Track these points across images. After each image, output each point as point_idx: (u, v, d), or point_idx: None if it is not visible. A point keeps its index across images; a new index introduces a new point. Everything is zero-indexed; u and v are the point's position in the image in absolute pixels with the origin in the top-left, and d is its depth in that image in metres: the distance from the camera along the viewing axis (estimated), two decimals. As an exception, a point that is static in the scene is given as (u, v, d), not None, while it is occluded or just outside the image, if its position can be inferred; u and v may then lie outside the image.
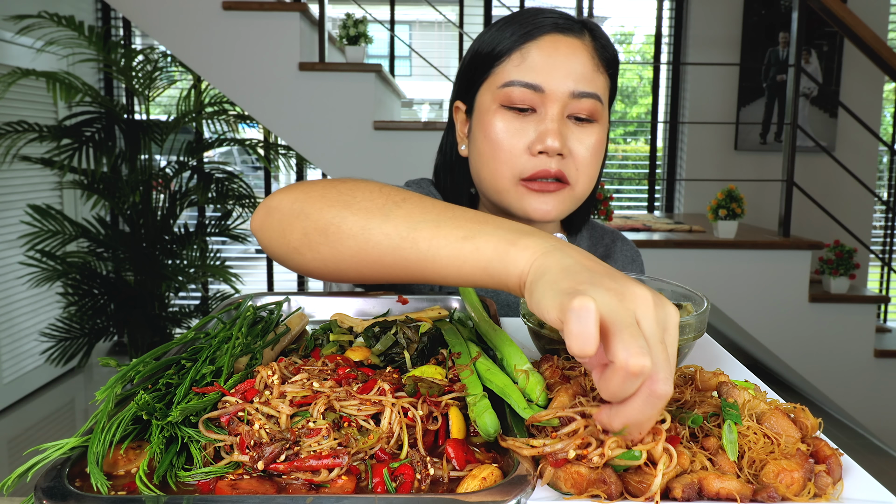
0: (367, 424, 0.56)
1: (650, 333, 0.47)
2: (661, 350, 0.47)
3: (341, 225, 0.67)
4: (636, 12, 5.85)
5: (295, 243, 0.71)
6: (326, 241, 0.68)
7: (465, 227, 0.60)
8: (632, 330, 0.46)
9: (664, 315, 0.49)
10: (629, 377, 0.45)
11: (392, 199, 0.66)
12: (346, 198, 0.68)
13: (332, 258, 0.69)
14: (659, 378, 0.46)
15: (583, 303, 0.45)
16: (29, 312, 4.11)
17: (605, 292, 0.47)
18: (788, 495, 0.50)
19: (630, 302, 0.47)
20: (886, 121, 5.43)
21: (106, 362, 0.69)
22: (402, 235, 0.63)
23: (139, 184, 3.74)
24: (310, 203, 0.70)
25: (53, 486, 0.47)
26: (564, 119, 0.98)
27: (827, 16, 3.15)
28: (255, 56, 3.17)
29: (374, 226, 0.65)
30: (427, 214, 0.63)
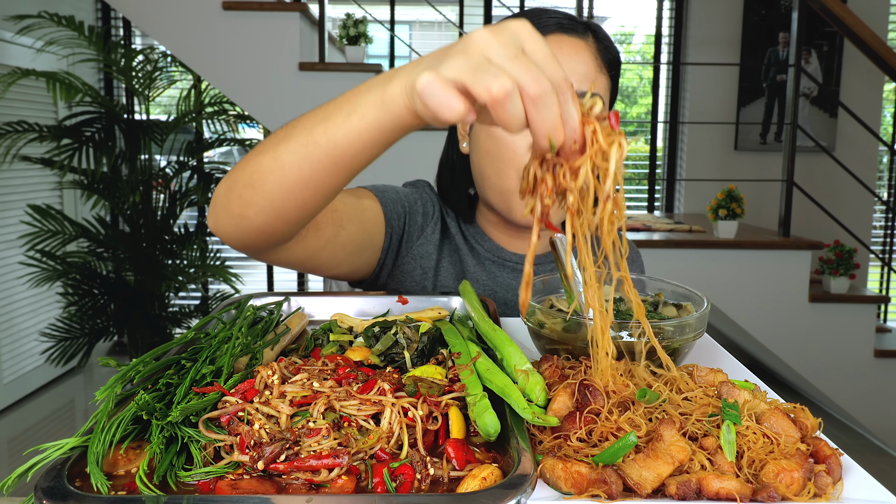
0: (367, 424, 0.56)
1: (502, 58, 0.49)
2: (519, 61, 0.49)
3: (259, 168, 0.71)
4: (636, 12, 5.85)
5: (236, 209, 0.74)
6: (255, 189, 0.71)
7: (346, 106, 0.64)
8: (481, 68, 0.49)
9: (509, 35, 0.51)
10: (501, 103, 0.48)
11: (290, 124, 0.70)
12: (257, 148, 0.73)
13: (267, 201, 0.72)
14: (526, 82, 0.48)
15: (425, 77, 0.49)
16: (29, 312, 4.11)
17: (450, 60, 0.50)
18: (788, 495, 0.50)
19: (474, 49, 0.50)
20: (886, 121, 5.43)
21: (106, 362, 0.69)
22: (303, 143, 0.67)
23: (139, 184, 3.74)
24: (234, 171, 0.75)
25: (53, 486, 0.47)
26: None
27: (827, 16, 3.15)
28: (255, 56, 3.17)
29: (280, 151, 0.69)
30: (316, 117, 0.67)
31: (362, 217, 1.00)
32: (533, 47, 0.51)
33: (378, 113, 0.60)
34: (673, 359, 0.74)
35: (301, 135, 0.67)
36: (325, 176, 0.68)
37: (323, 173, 0.68)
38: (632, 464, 0.51)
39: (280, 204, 0.72)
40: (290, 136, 0.69)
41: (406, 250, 1.09)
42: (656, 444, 0.53)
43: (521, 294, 0.59)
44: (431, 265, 1.11)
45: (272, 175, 0.70)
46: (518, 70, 0.49)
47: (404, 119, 0.59)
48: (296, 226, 0.77)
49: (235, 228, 0.76)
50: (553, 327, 0.76)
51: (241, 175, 0.73)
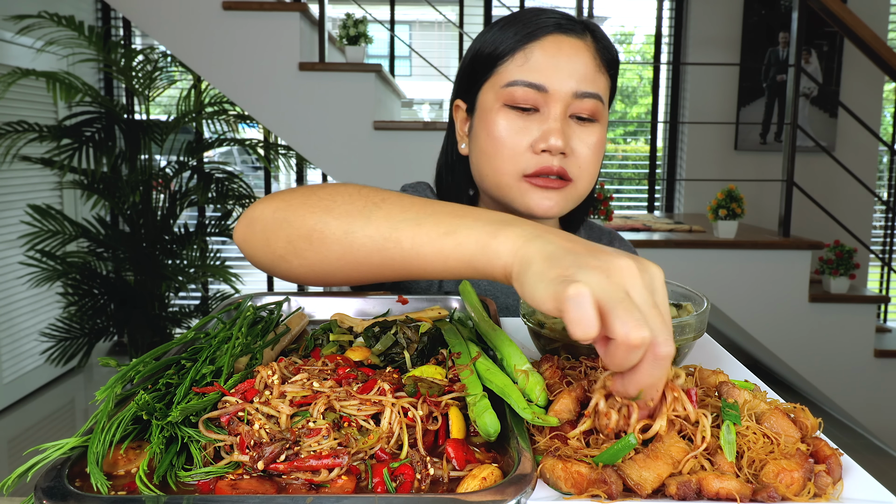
0: (367, 424, 0.56)
1: (642, 302, 0.49)
2: (656, 314, 0.49)
3: (324, 230, 0.68)
4: (636, 12, 5.85)
5: (280, 251, 0.72)
6: (311, 247, 0.69)
7: (445, 222, 0.62)
8: (625, 304, 0.48)
9: (650, 279, 0.51)
10: (632, 349, 0.47)
11: (371, 200, 0.68)
12: (326, 203, 0.69)
13: (319, 263, 0.70)
14: (659, 342, 0.48)
15: (577, 290, 0.47)
16: (29, 312, 4.11)
17: (592, 273, 0.49)
18: (788, 495, 0.50)
19: (617, 276, 0.49)
20: (886, 121, 5.43)
21: (106, 362, 0.69)
22: (384, 236, 0.64)
23: (139, 184, 3.74)
24: (291, 211, 0.71)
25: (53, 486, 0.47)
26: (567, 118, 0.99)
27: (827, 16, 3.15)
28: (255, 56, 3.17)
29: (356, 228, 0.66)
30: (407, 213, 0.65)
31: None
32: (662, 302, 0.51)
33: (475, 253, 0.59)
34: (673, 359, 0.74)
35: (384, 224, 0.65)
36: (392, 273, 0.67)
37: (390, 270, 0.66)
38: (632, 464, 0.51)
39: (331, 271, 0.70)
40: (371, 216, 0.66)
41: None
42: (656, 445, 0.53)
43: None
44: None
45: (337, 246, 0.67)
46: (654, 323, 0.48)
47: (494, 275, 0.58)
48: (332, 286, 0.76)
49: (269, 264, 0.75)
50: (553, 327, 0.76)
51: (298, 221, 0.70)
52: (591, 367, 0.68)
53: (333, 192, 0.70)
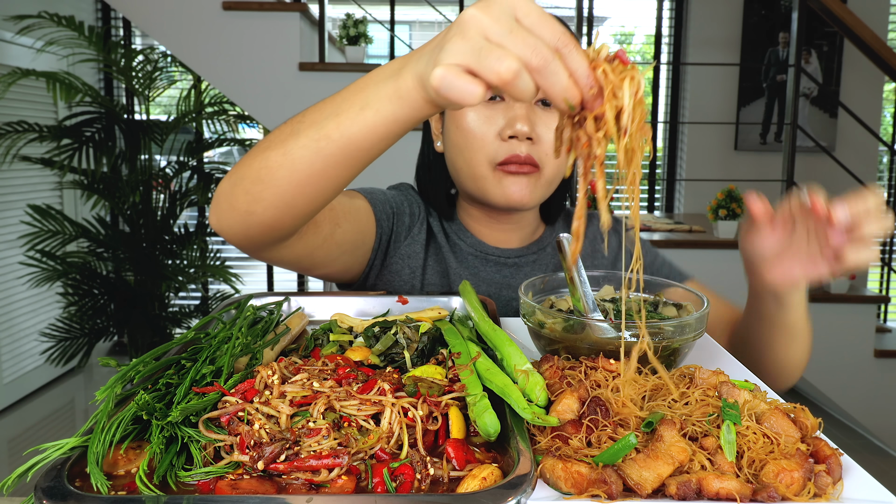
0: (367, 424, 0.56)
1: (500, 36, 0.51)
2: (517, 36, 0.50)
3: (267, 163, 0.71)
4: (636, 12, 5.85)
5: (243, 205, 0.74)
6: (264, 185, 0.72)
7: (357, 100, 0.65)
8: (483, 51, 0.50)
9: (498, 7, 0.52)
10: (514, 82, 0.50)
11: (296, 119, 0.71)
12: (263, 144, 0.73)
13: (276, 196, 0.72)
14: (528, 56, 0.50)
15: (437, 73, 0.51)
16: (29, 312, 4.11)
17: (450, 44, 0.52)
18: (788, 495, 0.50)
19: (471, 30, 0.51)
20: (886, 121, 5.43)
21: (106, 362, 0.69)
22: (315, 139, 0.67)
23: (139, 184, 3.74)
24: (240, 167, 0.75)
25: (53, 486, 0.47)
26: (532, 105, 1.02)
27: (827, 16, 3.15)
28: (255, 56, 3.17)
29: (290, 147, 0.69)
30: (325, 111, 0.68)
31: (356, 216, 1.03)
32: (525, 10, 0.52)
33: (394, 107, 0.61)
34: (673, 359, 0.74)
35: (311, 129, 0.68)
36: (338, 170, 0.69)
37: (336, 167, 0.69)
38: (632, 464, 0.51)
39: (290, 198, 0.72)
40: (299, 131, 0.69)
41: (394, 250, 1.12)
42: (656, 445, 0.53)
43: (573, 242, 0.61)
44: (419, 264, 1.13)
45: (282, 170, 0.70)
46: (517, 45, 0.50)
47: (422, 110, 0.61)
48: (303, 220, 0.77)
49: (242, 225, 0.77)
50: (553, 327, 0.76)
51: (247, 171, 0.73)
52: (591, 367, 0.68)
53: (269, 135, 0.74)
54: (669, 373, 0.69)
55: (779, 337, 0.94)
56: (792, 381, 1.02)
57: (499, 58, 0.50)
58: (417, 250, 1.13)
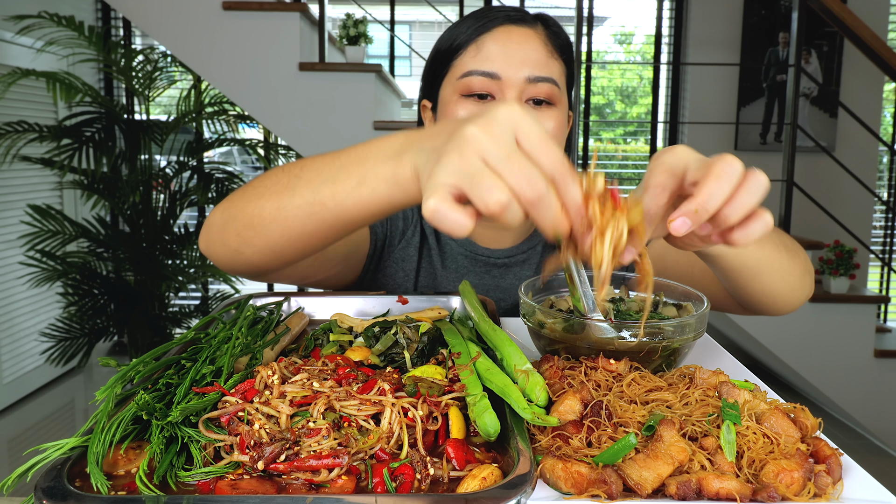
0: (367, 424, 0.56)
1: (497, 160, 0.49)
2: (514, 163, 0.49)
3: (261, 213, 0.73)
4: (636, 12, 5.85)
5: (233, 245, 0.77)
6: (255, 232, 0.74)
7: (355, 172, 0.65)
8: (476, 178, 0.49)
9: (502, 127, 0.50)
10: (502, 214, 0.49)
11: (293, 173, 0.72)
12: (259, 190, 0.74)
13: (266, 245, 0.74)
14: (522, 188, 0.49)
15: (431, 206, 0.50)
16: (29, 312, 4.11)
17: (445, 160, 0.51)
18: (788, 495, 0.50)
19: (469, 149, 0.50)
20: (886, 121, 5.43)
21: (106, 362, 0.69)
22: (310, 202, 0.68)
23: (139, 184, 3.74)
24: (233, 206, 0.77)
25: (53, 486, 0.47)
26: (523, 103, 1.02)
27: (827, 16, 3.15)
28: (255, 56, 3.17)
29: (285, 203, 0.71)
30: (322, 174, 0.68)
31: None
32: (526, 133, 0.51)
33: (390, 191, 0.62)
34: (673, 359, 0.74)
35: (307, 190, 0.69)
36: (330, 232, 0.71)
37: (328, 231, 0.70)
38: (632, 464, 0.51)
39: (280, 248, 0.74)
40: (295, 187, 0.70)
41: (388, 254, 1.12)
42: (656, 445, 0.53)
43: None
44: (412, 267, 1.13)
45: (275, 224, 0.72)
46: (513, 174, 0.49)
47: (417, 198, 0.61)
48: (290, 264, 0.79)
49: (230, 260, 0.80)
50: (553, 327, 0.76)
51: (241, 214, 0.75)
52: (592, 368, 0.68)
53: (264, 178, 0.75)
54: (669, 373, 0.69)
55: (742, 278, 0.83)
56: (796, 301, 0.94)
57: (489, 189, 0.49)
58: (411, 253, 1.13)
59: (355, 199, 0.65)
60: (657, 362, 0.72)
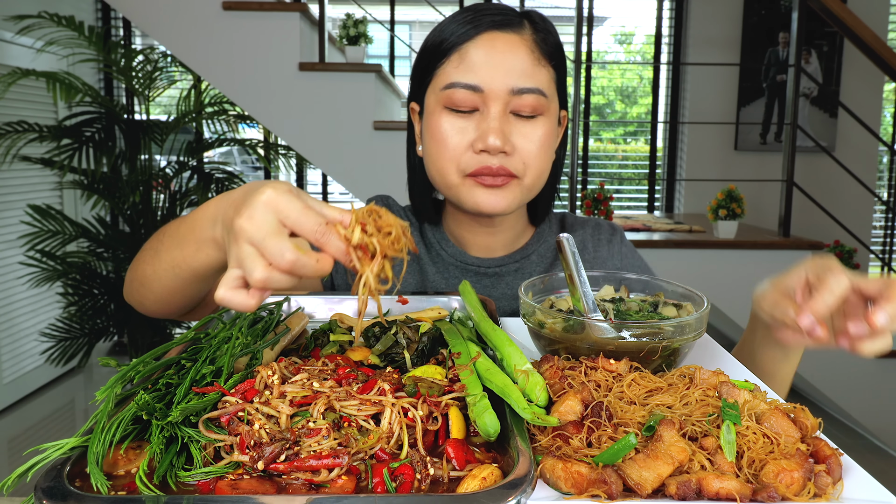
0: (367, 424, 0.56)
1: (257, 242, 0.59)
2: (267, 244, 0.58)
3: (145, 274, 0.89)
4: (636, 12, 5.85)
5: (136, 299, 0.94)
6: (145, 288, 0.90)
7: (192, 239, 0.78)
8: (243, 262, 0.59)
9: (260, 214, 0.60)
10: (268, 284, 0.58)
11: (159, 238, 0.87)
12: (142, 255, 0.91)
13: (156, 297, 0.90)
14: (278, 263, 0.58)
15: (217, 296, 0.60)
16: (29, 312, 4.11)
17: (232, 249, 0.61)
18: (788, 495, 0.50)
19: (242, 237, 0.60)
20: (886, 121, 5.43)
21: (106, 362, 0.69)
22: (171, 265, 0.83)
23: (139, 184, 3.74)
24: (131, 270, 0.94)
25: (53, 486, 0.47)
26: (507, 116, 0.98)
27: (827, 16, 3.15)
28: (255, 56, 3.17)
29: (156, 266, 0.86)
30: (174, 240, 0.82)
31: None
32: (285, 212, 0.60)
33: (218, 253, 0.75)
34: (673, 359, 0.74)
35: (166, 255, 0.84)
36: (196, 285, 0.84)
37: (193, 284, 0.84)
38: (632, 464, 0.51)
39: (167, 298, 0.88)
40: (160, 252, 0.85)
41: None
42: (656, 445, 0.53)
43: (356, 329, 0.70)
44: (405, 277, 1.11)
45: (155, 283, 0.87)
46: (268, 252, 0.58)
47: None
48: (188, 308, 0.93)
49: (141, 310, 0.95)
50: (553, 327, 0.76)
51: (134, 275, 0.92)
52: (592, 367, 0.68)
53: (147, 243, 0.91)
54: (669, 373, 0.69)
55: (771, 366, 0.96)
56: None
57: (250, 269, 0.58)
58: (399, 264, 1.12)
59: (199, 262, 0.78)
60: (657, 362, 0.72)
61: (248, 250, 0.59)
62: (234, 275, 0.60)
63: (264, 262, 0.58)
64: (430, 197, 1.14)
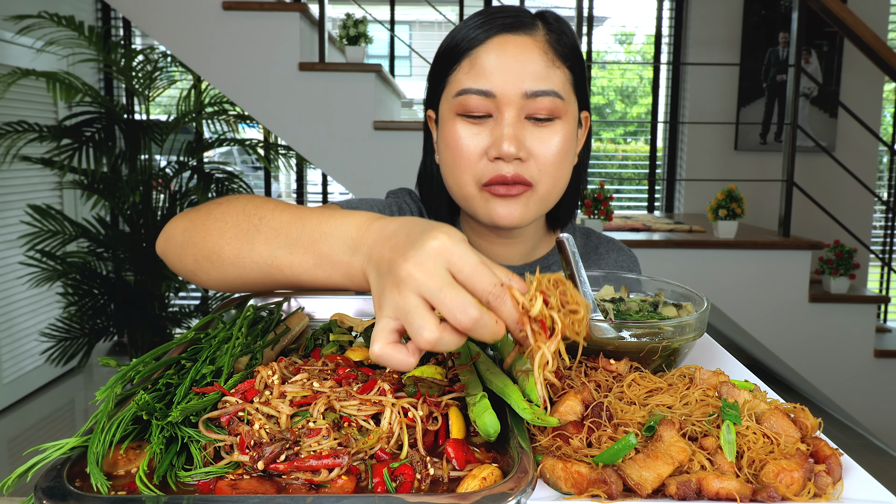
0: (367, 424, 0.56)
1: (429, 294, 0.52)
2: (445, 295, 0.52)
3: (220, 253, 0.79)
4: (636, 12, 5.85)
5: (190, 266, 0.83)
6: (213, 266, 0.80)
7: (310, 252, 0.70)
8: (411, 316, 0.52)
9: (432, 262, 0.53)
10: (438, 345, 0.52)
11: (251, 222, 0.77)
12: (219, 225, 0.79)
13: (223, 279, 0.81)
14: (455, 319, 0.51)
15: (375, 353, 0.53)
16: (29, 312, 4.11)
17: (388, 297, 0.55)
18: (788, 495, 0.50)
19: (407, 287, 0.53)
20: (886, 121, 5.43)
21: (106, 362, 0.69)
22: (267, 263, 0.75)
23: (139, 184, 3.74)
24: (195, 231, 0.82)
25: (53, 486, 0.47)
26: (522, 121, 0.96)
27: (827, 16, 3.15)
28: (255, 56, 3.17)
29: (244, 254, 0.76)
30: (280, 237, 0.74)
31: None
32: (459, 266, 0.53)
33: (343, 280, 0.68)
34: (673, 359, 0.74)
35: (264, 249, 0.74)
36: (284, 286, 0.78)
37: (282, 286, 0.78)
38: (632, 464, 0.51)
39: (234, 285, 0.81)
40: (254, 241, 0.75)
41: None
42: (656, 445, 0.53)
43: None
44: None
45: (233, 268, 0.78)
46: (446, 307, 0.52)
47: (366, 289, 0.65)
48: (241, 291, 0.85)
49: (184, 273, 0.86)
50: (553, 327, 0.76)
51: (201, 243, 0.80)
52: (592, 368, 0.68)
53: (226, 212, 0.80)
54: (669, 373, 0.69)
55: None
56: None
57: (419, 328, 0.51)
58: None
59: (311, 277, 0.71)
60: (657, 362, 0.72)
61: (416, 303, 0.52)
62: (392, 327, 0.54)
63: (435, 319, 0.52)
64: (446, 204, 1.12)
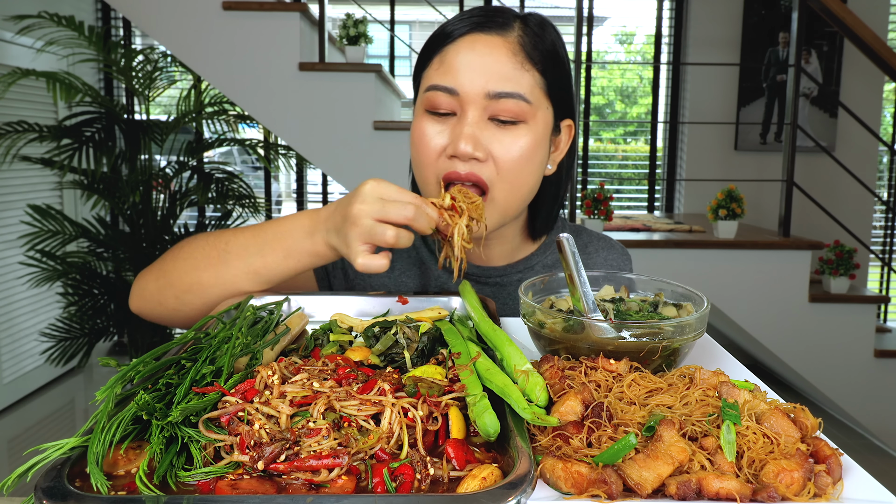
0: (367, 424, 0.56)
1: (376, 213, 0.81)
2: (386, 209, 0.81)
3: (200, 282, 0.93)
4: (636, 12, 5.85)
5: (172, 305, 0.96)
6: (195, 296, 0.94)
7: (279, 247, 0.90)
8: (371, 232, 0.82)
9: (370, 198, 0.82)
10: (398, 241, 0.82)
11: (219, 247, 0.93)
12: (190, 262, 0.94)
13: (206, 303, 0.94)
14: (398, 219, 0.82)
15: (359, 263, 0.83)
16: (29, 312, 4.11)
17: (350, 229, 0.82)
18: (788, 495, 0.50)
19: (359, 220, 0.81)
20: (886, 121, 5.43)
21: (106, 362, 0.69)
22: (245, 271, 0.91)
23: (139, 184, 3.74)
24: (169, 276, 0.96)
25: (53, 486, 0.47)
26: (484, 122, 0.94)
27: (827, 16, 3.15)
28: (255, 56, 3.17)
29: (222, 273, 0.92)
30: (249, 249, 0.91)
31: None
32: (386, 193, 0.82)
33: (311, 260, 0.90)
34: (673, 359, 0.74)
35: (239, 262, 0.91)
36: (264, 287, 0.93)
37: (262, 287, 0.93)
38: (632, 464, 0.51)
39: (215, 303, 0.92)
40: (227, 261, 0.91)
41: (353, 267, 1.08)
42: (656, 445, 0.53)
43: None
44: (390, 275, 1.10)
45: (215, 288, 0.92)
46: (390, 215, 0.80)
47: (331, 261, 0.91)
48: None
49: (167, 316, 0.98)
50: (553, 327, 0.76)
51: (178, 282, 0.94)
52: (592, 368, 0.68)
53: (191, 251, 0.95)
54: (669, 373, 0.69)
55: None
56: None
57: (381, 233, 0.81)
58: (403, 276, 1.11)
59: (284, 269, 0.90)
60: (657, 362, 0.72)
61: (371, 223, 0.79)
62: (364, 248, 0.80)
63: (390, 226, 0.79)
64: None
